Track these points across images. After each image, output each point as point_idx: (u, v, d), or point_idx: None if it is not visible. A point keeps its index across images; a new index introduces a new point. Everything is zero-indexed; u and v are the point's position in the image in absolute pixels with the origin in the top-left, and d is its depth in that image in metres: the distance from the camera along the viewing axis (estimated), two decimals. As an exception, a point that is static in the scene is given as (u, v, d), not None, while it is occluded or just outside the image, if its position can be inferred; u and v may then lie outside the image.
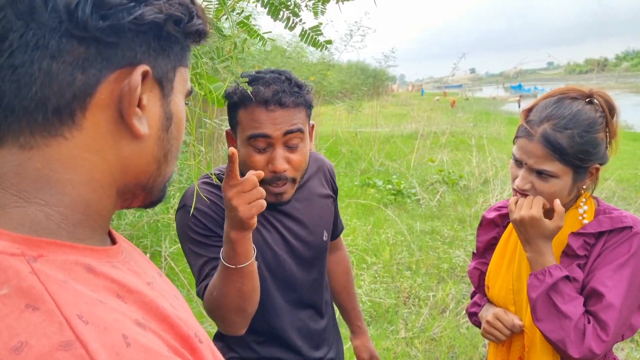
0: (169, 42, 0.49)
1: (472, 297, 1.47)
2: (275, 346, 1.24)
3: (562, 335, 1.08)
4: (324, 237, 1.32)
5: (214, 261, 1.11)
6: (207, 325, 2.85)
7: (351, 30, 7.10)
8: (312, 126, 1.23)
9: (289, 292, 1.24)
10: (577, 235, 1.15)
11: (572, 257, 1.15)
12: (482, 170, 7.15)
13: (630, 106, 19.57)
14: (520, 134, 1.18)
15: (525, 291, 1.22)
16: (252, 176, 0.97)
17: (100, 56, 0.44)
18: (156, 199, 0.56)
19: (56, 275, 0.40)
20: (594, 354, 1.06)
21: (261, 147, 1.11)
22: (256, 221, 0.99)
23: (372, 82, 15.99)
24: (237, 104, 1.13)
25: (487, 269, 1.35)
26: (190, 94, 0.56)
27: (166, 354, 0.41)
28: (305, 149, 1.15)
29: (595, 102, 1.16)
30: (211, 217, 1.13)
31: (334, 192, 1.40)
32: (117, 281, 0.44)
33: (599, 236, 1.14)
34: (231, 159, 0.97)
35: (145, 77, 0.47)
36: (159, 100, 0.50)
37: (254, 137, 1.10)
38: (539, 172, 1.14)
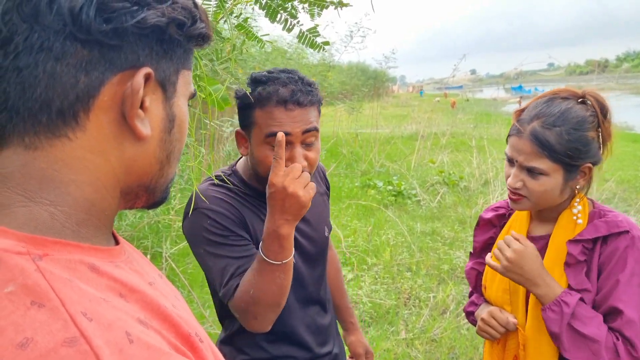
0: (171, 45, 0.50)
1: (469, 296, 1.47)
2: (286, 344, 1.25)
3: None
4: (326, 233, 1.35)
5: (237, 260, 1.11)
6: (208, 326, 2.85)
7: (351, 31, 7.09)
8: None
9: (299, 289, 1.25)
10: (575, 242, 1.15)
11: (574, 264, 1.15)
12: (483, 171, 7.14)
13: (630, 107, 19.55)
14: (511, 132, 1.20)
15: (521, 291, 1.22)
16: (298, 164, 1.03)
17: (103, 59, 0.45)
18: (159, 199, 0.56)
19: (61, 273, 0.40)
20: None
21: None
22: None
23: (373, 83, 16.00)
24: (251, 104, 1.13)
25: (485, 269, 1.35)
26: (193, 97, 0.57)
27: (168, 350, 0.41)
28: (319, 146, 1.18)
29: (587, 102, 1.17)
30: (227, 217, 1.14)
31: (328, 189, 1.44)
32: (120, 280, 0.45)
33: (596, 240, 1.14)
34: (280, 144, 1.00)
35: (147, 79, 0.48)
36: (161, 102, 0.51)
37: (273, 135, 1.10)
38: (530, 170, 1.15)
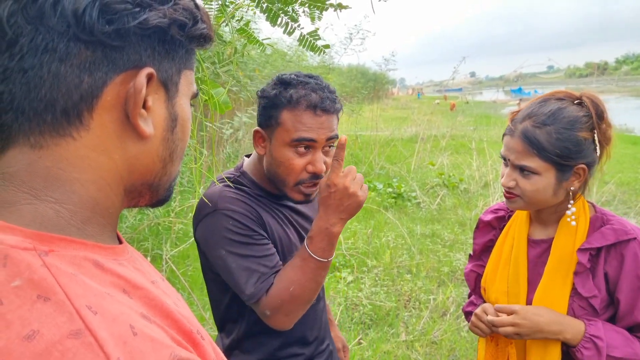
0: (173, 46, 0.51)
1: (469, 298, 1.48)
2: (295, 344, 1.26)
3: None
4: None
5: (261, 259, 1.12)
6: (208, 328, 2.85)
7: (351, 33, 7.10)
8: None
9: None
10: (584, 250, 1.15)
11: (583, 272, 1.15)
12: (483, 173, 7.16)
13: (630, 110, 19.57)
14: (505, 132, 1.21)
15: (521, 294, 1.23)
16: (353, 166, 1.10)
17: (106, 59, 0.46)
18: (162, 197, 0.57)
19: (66, 268, 0.41)
20: None
21: (303, 150, 1.14)
22: None
23: (373, 85, 16.02)
24: (277, 104, 1.14)
25: (484, 271, 1.36)
26: (195, 96, 0.58)
27: (171, 344, 0.42)
28: (332, 152, 1.20)
29: (583, 104, 1.17)
30: (249, 217, 1.15)
31: None
32: (124, 277, 0.46)
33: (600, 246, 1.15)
34: (342, 146, 1.06)
35: (150, 79, 0.48)
36: (164, 102, 0.51)
37: (301, 140, 1.12)
38: (522, 169, 1.16)
